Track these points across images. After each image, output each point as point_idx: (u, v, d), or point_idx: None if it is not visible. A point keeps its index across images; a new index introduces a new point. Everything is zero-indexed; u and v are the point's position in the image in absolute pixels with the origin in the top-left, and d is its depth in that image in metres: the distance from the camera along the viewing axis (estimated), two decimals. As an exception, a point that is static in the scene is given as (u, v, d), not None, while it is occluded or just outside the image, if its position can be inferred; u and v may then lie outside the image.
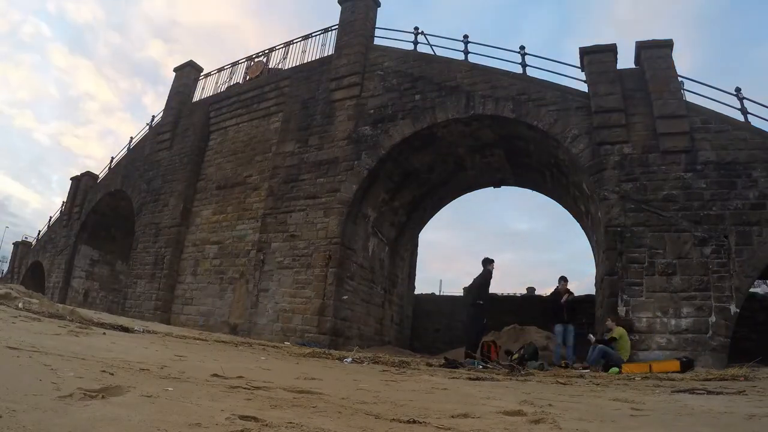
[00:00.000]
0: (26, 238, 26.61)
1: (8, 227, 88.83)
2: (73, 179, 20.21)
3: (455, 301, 16.21)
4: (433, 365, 6.06)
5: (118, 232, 18.34)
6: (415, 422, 1.84)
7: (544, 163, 10.31)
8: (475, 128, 9.97)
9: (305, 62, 12.71)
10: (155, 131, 16.30)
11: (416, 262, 14.64)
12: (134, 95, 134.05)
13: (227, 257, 11.96)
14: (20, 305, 6.27)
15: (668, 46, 8.35)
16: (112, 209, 17.88)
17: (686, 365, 5.97)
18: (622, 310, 7.11)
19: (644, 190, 7.64)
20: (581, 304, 10.81)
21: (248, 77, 14.07)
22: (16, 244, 26.15)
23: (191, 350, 4.77)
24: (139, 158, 16.56)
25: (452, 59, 10.49)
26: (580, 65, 9.06)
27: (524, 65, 9.61)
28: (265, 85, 13.28)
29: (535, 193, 12.48)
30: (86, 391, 1.74)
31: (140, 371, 2.58)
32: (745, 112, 7.88)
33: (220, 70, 15.45)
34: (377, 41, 11.86)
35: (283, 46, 13.73)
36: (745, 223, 7.01)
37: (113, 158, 18.77)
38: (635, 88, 8.29)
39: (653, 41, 8.48)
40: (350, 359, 5.71)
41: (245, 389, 2.37)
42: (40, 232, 23.32)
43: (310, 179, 10.91)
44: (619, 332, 6.89)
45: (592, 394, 3.46)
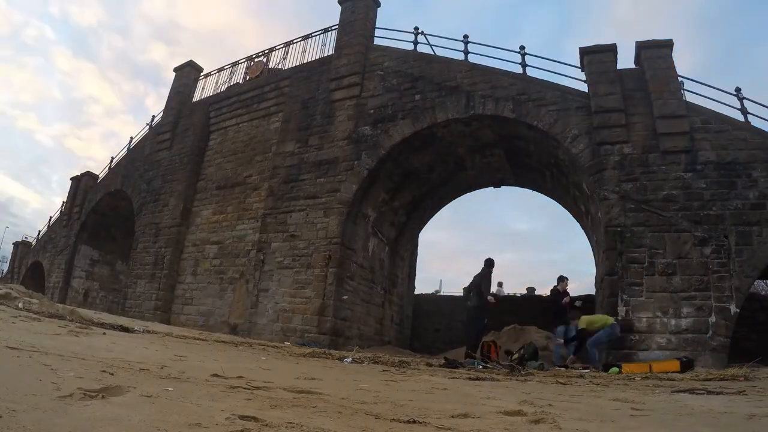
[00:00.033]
0: (26, 238, 26.63)
1: (8, 227, 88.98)
2: (73, 179, 20.21)
3: (455, 301, 16.21)
4: (433, 365, 6.06)
5: (118, 232, 18.34)
6: (415, 422, 1.84)
7: (544, 163, 10.31)
8: (475, 128, 9.98)
9: (305, 62, 12.72)
10: (155, 131, 16.30)
11: (416, 262, 14.66)
12: (137, 98, 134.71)
13: (227, 257, 11.96)
14: (20, 305, 6.27)
15: (668, 46, 8.35)
16: (112, 209, 17.88)
17: (686, 365, 5.96)
18: (622, 310, 7.12)
19: (644, 190, 7.65)
20: (585, 303, 10.77)
21: (248, 77, 14.07)
22: (16, 244, 26.15)
23: (191, 350, 4.77)
24: (139, 158, 16.57)
25: (452, 59, 10.50)
26: (580, 65, 9.06)
27: (524, 65, 9.61)
28: (265, 85, 13.28)
29: (535, 193, 12.48)
30: (86, 391, 1.74)
31: (140, 371, 2.58)
32: (745, 112, 7.88)
33: (220, 70, 15.46)
34: (377, 41, 11.87)
35: (283, 46, 13.74)
36: (745, 223, 7.01)
37: (113, 158, 18.78)
38: (635, 88, 8.29)
39: (653, 41, 8.48)
40: (350, 359, 5.71)
41: (245, 389, 2.36)
42: (40, 232, 23.33)
43: (310, 179, 10.92)
44: (585, 321, 7.33)
45: (592, 394, 3.46)
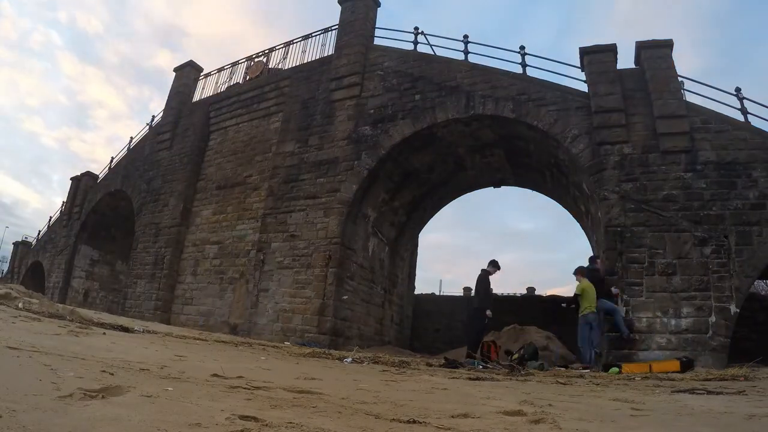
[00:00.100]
0: (26, 238, 26.64)
1: (8, 227, 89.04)
2: (73, 179, 20.21)
3: (455, 301, 16.23)
4: (433, 365, 6.06)
5: (118, 232, 18.34)
6: (415, 422, 1.84)
7: (544, 163, 10.31)
8: (475, 128, 9.97)
9: (305, 62, 12.71)
10: (155, 131, 16.30)
11: (416, 262, 14.66)
12: (142, 102, 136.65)
13: (227, 257, 11.96)
14: (20, 305, 6.27)
15: (668, 46, 8.35)
16: (112, 209, 17.88)
17: (686, 365, 5.96)
18: (621, 310, 7.12)
19: (644, 190, 7.64)
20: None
21: (248, 77, 14.07)
22: (16, 244, 26.15)
23: (191, 350, 4.77)
24: (139, 158, 16.57)
25: (452, 59, 10.49)
26: (580, 65, 9.05)
27: (524, 65, 9.61)
28: (265, 85, 13.28)
29: (537, 193, 12.48)
30: (86, 391, 1.74)
31: (140, 371, 2.58)
32: (745, 112, 7.88)
33: (220, 70, 15.46)
34: (377, 41, 11.86)
35: (283, 46, 13.74)
36: (745, 223, 7.01)
37: (113, 158, 18.78)
38: (635, 88, 8.29)
39: (653, 41, 8.47)
40: (350, 359, 5.71)
41: (245, 389, 2.36)
42: (40, 232, 23.34)
43: (310, 179, 10.91)
44: (581, 286, 7.26)
45: (592, 394, 3.46)
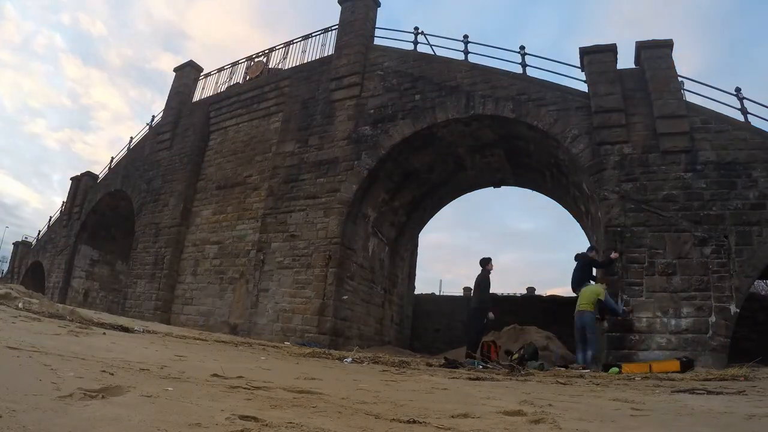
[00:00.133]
0: (26, 238, 26.64)
1: (8, 227, 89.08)
2: (73, 179, 20.20)
3: (455, 301, 16.23)
4: (433, 365, 6.06)
5: (118, 232, 18.34)
6: (415, 422, 1.84)
7: (544, 163, 10.31)
8: (475, 128, 9.97)
9: (305, 62, 12.71)
10: (155, 131, 16.30)
11: (416, 262, 14.66)
12: (144, 104, 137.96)
13: (227, 257, 11.96)
14: (20, 305, 6.27)
15: (668, 46, 8.34)
16: (112, 209, 17.88)
17: (686, 365, 5.96)
18: (620, 307, 7.11)
19: (644, 190, 7.64)
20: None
21: (248, 77, 14.07)
22: (16, 244, 26.16)
23: (191, 350, 4.77)
24: (139, 158, 16.57)
25: (452, 59, 10.49)
26: (580, 65, 9.05)
27: (524, 65, 9.61)
28: (265, 85, 13.28)
29: (537, 193, 12.47)
30: (86, 391, 1.74)
31: (140, 371, 2.58)
32: (745, 112, 7.88)
33: (220, 70, 15.46)
34: (377, 41, 11.86)
35: (283, 46, 13.74)
36: (745, 223, 7.01)
37: (113, 158, 18.78)
38: (635, 88, 8.29)
39: (653, 41, 8.47)
40: (350, 359, 5.71)
41: (245, 389, 2.36)
42: (40, 232, 23.34)
43: (310, 179, 10.91)
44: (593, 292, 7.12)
45: (592, 394, 3.46)
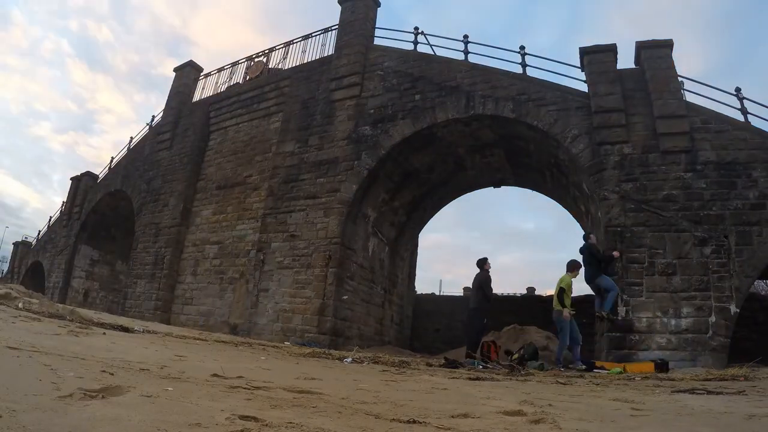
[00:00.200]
0: (26, 238, 26.64)
1: (8, 227, 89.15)
2: (73, 179, 20.20)
3: (455, 301, 16.23)
4: (433, 365, 6.06)
5: (118, 232, 18.34)
6: (415, 422, 1.84)
7: (544, 163, 10.31)
8: (475, 128, 9.97)
9: (305, 62, 12.72)
10: (155, 131, 16.31)
11: (416, 262, 14.67)
12: (149, 108, 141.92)
13: (227, 257, 11.96)
14: (20, 305, 6.27)
15: (668, 46, 8.34)
16: (112, 209, 17.88)
17: (660, 367, 6.01)
18: (622, 310, 7.11)
19: (644, 190, 7.64)
20: (582, 304, 10.79)
21: (248, 77, 14.08)
22: (16, 244, 26.16)
23: (191, 350, 4.77)
24: (139, 158, 16.57)
25: (452, 59, 10.49)
26: (580, 65, 9.05)
27: (524, 65, 9.61)
28: (265, 85, 13.28)
29: (537, 193, 12.47)
30: (86, 391, 1.74)
31: (140, 371, 2.58)
32: (745, 112, 7.88)
33: (220, 70, 15.46)
34: (377, 41, 11.87)
35: (283, 46, 13.74)
36: (745, 223, 7.01)
37: (113, 158, 18.79)
38: (635, 88, 8.29)
39: (653, 41, 8.47)
40: (350, 359, 5.71)
41: (245, 389, 2.36)
42: (40, 232, 23.33)
43: (310, 179, 10.91)
44: (565, 282, 7.13)
45: (592, 394, 3.46)
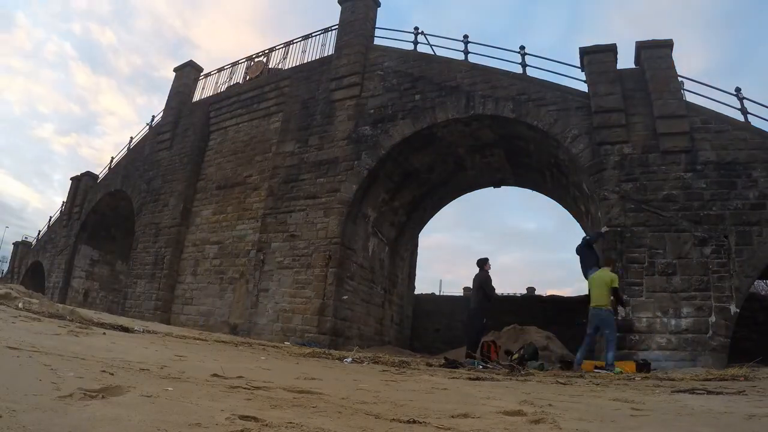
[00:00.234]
0: (26, 238, 26.64)
1: (8, 227, 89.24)
2: (73, 179, 20.20)
3: (455, 301, 16.22)
4: (433, 365, 6.06)
5: (118, 232, 18.34)
6: (415, 422, 1.84)
7: (544, 163, 10.31)
8: (475, 128, 9.97)
9: (305, 62, 12.72)
10: (155, 131, 16.30)
11: (416, 262, 14.66)
12: (151, 110, 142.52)
13: (227, 257, 11.96)
14: (20, 305, 6.27)
15: (668, 46, 8.35)
16: (112, 209, 17.88)
17: (642, 366, 6.05)
18: (622, 310, 7.12)
19: (644, 190, 7.64)
20: (582, 304, 10.78)
21: (248, 77, 14.08)
22: (16, 244, 26.16)
23: (191, 350, 4.77)
24: (139, 158, 16.57)
25: (452, 59, 10.50)
26: (580, 65, 9.05)
27: (524, 65, 9.61)
28: (265, 85, 13.28)
29: (537, 193, 12.46)
30: (86, 391, 1.74)
31: (140, 371, 2.58)
32: (745, 112, 7.89)
33: (220, 70, 15.46)
34: (377, 41, 11.87)
35: (283, 46, 13.74)
36: (745, 223, 7.01)
37: (113, 158, 18.79)
38: (635, 88, 8.29)
39: (653, 41, 8.47)
40: (350, 359, 5.71)
41: (245, 389, 2.36)
42: (40, 232, 23.33)
43: (310, 179, 10.91)
44: (590, 280, 6.56)
45: (592, 394, 3.46)
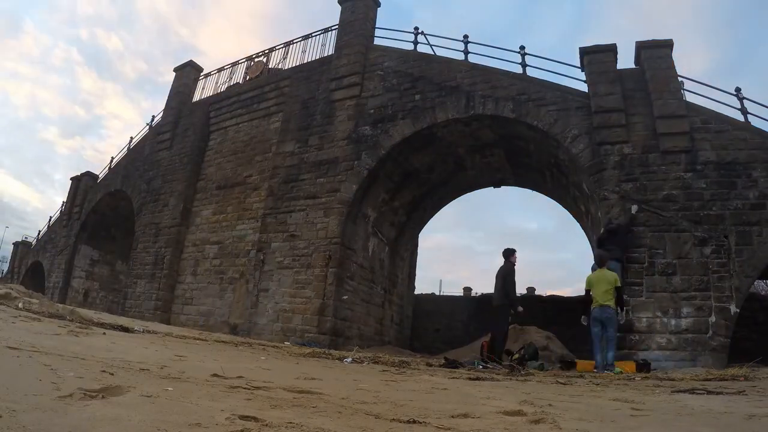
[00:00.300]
0: (26, 238, 26.64)
1: (8, 227, 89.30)
2: (73, 179, 20.20)
3: (455, 301, 16.24)
4: (433, 365, 6.06)
5: (118, 232, 18.34)
6: (415, 422, 1.84)
7: (544, 163, 10.31)
8: (475, 128, 9.97)
9: (305, 62, 12.72)
10: (155, 131, 16.30)
11: (416, 262, 14.65)
12: (155, 113, 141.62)
13: (227, 257, 11.96)
14: (20, 305, 6.27)
15: (668, 46, 8.34)
16: (112, 209, 17.88)
17: (642, 366, 6.04)
18: (622, 316, 7.09)
19: (644, 190, 7.64)
20: (582, 304, 10.77)
21: (248, 77, 14.08)
22: (16, 244, 26.15)
23: (191, 350, 4.77)
24: (139, 158, 16.57)
25: (452, 59, 10.49)
26: (580, 65, 9.05)
27: (524, 65, 9.61)
28: (265, 85, 13.28)
29: (538, 193, 12.45)
30: (86, 391, 1.74)
31: (140, 371, 2.58)
32: (745, 112, 7.88)
33: (220, 70, 15.46)
34: (377, 41, 11.87)
35: (283, 46, 13.74)
36: (745, 223, 7.01)
37: (113, 158, 18.79)
38: (635, 88, 8.29)
39: (653, 41, 8.47)
40: (350, 359, 5.71)
41: (245, 389, 2.36)
42: (40, 232, 23.33)
43: (310, 179, 10.91)
44: (589, 280, 6.47)
45: (592, 394, 3.46)
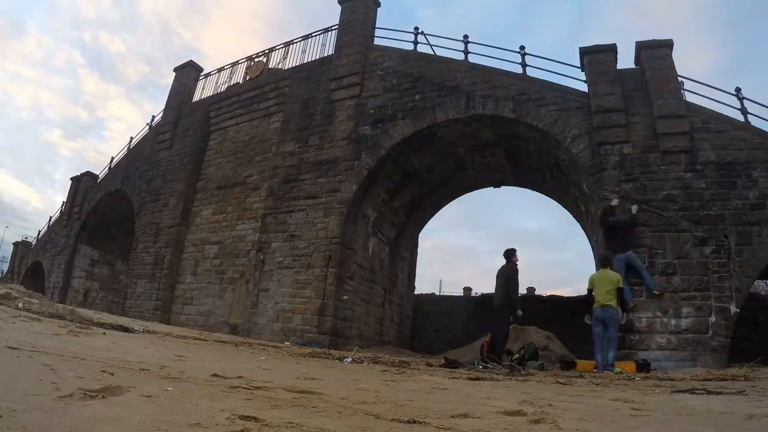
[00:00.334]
0: (26, 238, 26.64)
1: (8, 227, 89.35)
2: (73, 179, 20.20)
3: (455, 301, 16.24)
4: (433, 365, 6.07)
5: (118, 232, 18.34)
6: (415, 422, 1.83)
7: (544, 163, 10.31)
8: (475, 128, 9.97)
9: (305, 62, 12.72)
10: (155, 131, 16.31)
11: (416, 262, 14.65)
12: (158, 115, 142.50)
13: (227, 257, 11.96)
14: (20, 305, 6.27)
15: (668, 46, 8.35)
16: (112, 209, 17.88)
17: (642, 366, 6.05)
18: (623, 317, 7.09)
19: (644, 190, 7.64)
20: (585, 304, 10.78)
21: (248, 77, 14.08)
22: (16, 244, 26.14)
23: (191, 350, 4.77)
24: (139, 158, 16.57)
25: (452, 59, 10.50)
26: (580, 65, 9.05)
27: (524, 65, 9.61)
28: (265, 85, 13.28)
29: (538, 193, 12.45)
30: (86, 391, 1.74)
31: (140, 371, 2.58)
32: (745, 112, 7.89)
33: (220, 70, 15.46)
34: (377, 41, 11.87)
35: (283, 46, 13.75)
36: (745, 223, 7.01)
37: (113, 158, 18.79)
38: (635, 88, 8.29)
39: (653, 41, 8.47)
40: (350, 359, 5.71)
41: (245, 389, 2.36)
42: (40, 232, 23.34)
43: (310, 179, 10.91)
44: (591, 279, 6.55)
45: (592, 394, 3.46)
